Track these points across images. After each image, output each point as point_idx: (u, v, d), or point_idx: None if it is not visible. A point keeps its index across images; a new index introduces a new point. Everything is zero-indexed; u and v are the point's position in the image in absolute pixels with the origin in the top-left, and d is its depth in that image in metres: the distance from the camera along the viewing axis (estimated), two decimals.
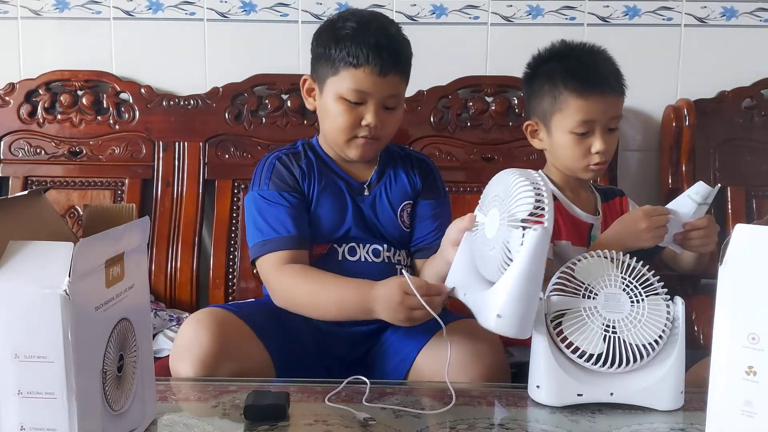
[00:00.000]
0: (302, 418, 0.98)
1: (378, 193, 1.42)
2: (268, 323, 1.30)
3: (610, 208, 1.46)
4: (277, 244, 1.32)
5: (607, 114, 1.34)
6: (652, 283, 1.05)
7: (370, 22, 1.35)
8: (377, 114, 1.33)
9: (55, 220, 0.89)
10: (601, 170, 1.38)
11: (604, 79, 1.34)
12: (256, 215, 1.36)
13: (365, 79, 1.31)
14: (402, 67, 1.35)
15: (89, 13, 1.95)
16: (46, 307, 0.72)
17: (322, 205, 1.38)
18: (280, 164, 1.39)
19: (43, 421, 0.74)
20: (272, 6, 1.95)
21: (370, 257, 1.39)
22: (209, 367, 1.17)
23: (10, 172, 1.91)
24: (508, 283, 0.97)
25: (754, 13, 1.95)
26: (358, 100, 1.33)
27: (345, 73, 1.32)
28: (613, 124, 1.36)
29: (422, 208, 1.44)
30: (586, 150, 1.35)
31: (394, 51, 1.33)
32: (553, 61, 1.39)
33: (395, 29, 1.38)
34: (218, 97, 1.91)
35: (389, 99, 1.35)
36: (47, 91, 1.92)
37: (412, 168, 1.46)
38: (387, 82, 1.32)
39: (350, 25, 1.33)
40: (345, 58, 1.31)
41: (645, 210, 1.27)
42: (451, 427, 0.96)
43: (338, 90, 1.33)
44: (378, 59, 1.30)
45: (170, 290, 1.85)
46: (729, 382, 0.84)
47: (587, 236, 1.40)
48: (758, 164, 1.89)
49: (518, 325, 0.97)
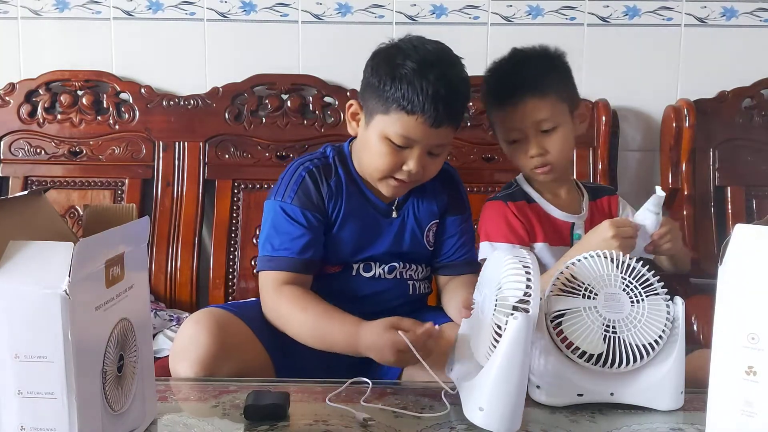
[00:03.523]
0: (302, 418, 0.98)
1: (405, 215, 1.39)
2: (267, 324, 1.30)
3: (597, 207, 1.46)
4: (284, 263, 1.30)
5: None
6: (652, 283, 1.05)
7: (432, 66, 1.25)
8: (420, 161, 1.27)
9: (55, 220, 0.89)
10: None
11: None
12: (272, 228, 1.33)
13: (416, 127, 1.24)
14: (456, 118, 1.29)
15: (89, 13, 1.95)
16: (46, 307, 0.72)
17: (346, 228, 1.35)
18: (310, 179, 1.33)
19: (43, 421, 0.74)
20: (272, 6, 1.95)
21: (385, 274, 1.38)
22: (208, 368, 1.17)
23: (10, 172, 1.91)
24: (491, 374, 0.92)
25: (754, 13, 1.95)
26: (404, 145, 1.27)
27: (396, 116, 1.25)
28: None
29: (450, 225, 1.43)
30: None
31: (451, 101, 1.25)
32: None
33: (457, 74, 1.29)
34: (218, 97, 1.91)
35: (436, 147, 1.30)
36: (47, 91, 1.92)
37: (439, 182, 1.41)
38: (438, 133, 1.26)
39: (410, 65, 1.24)
40: (399, 101, 1.24)
41: (612, 220, 1.28)
42: (451, 428, 0.96)
43: (385, 130, 1.26)
44: (433, 111, 1.22)
45: (170, 290, 1.85)
46: (729, 382, 0.84)
47: (569, 236, 1.40)
48: (758, 164, 1.89)
49: (500, 419, 0.91)
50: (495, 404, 0.92)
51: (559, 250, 1.36)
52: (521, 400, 0.93)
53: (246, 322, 1.28)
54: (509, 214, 1.37)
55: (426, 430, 0.95)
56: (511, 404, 0.91)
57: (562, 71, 1.40)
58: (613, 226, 1.23)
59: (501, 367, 0.91)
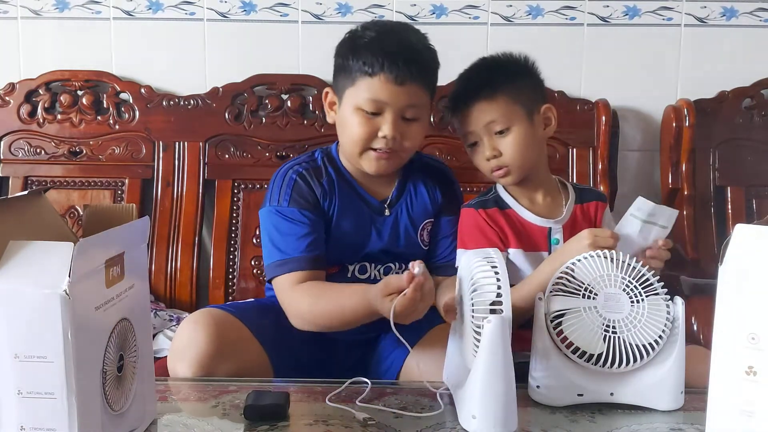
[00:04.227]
0: (302, 418, 0.99)
1: (398, 212, 1.39)
2: (266, 324, 1.30)
3: (583, 211, 1.42)
4: (296, 265, 1.28)
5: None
6: (652, 283, 1.05)
7: (389, 31, 1.31)
8: (395, 125, 1.28)
9: (55, 220, 0.89)
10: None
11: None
12: (274, 232, 1.32)
13: (382, 88, 1.26)
14: (422, 76, 1.29)
15: (89, 13, 1.95)
16: (46, 307, 0.72)
17: (341, 227, 1.35)
18: (301, 180, 1.34)
19: (43, 421, 0.74)
20: (272, 6, 1.95)
21: (380, 276, 1.38)
22: (207, 368, 1.17)
23: (10, 172, 1.91)
24: (477, 381, 0.92)
25: (754, 13, 1.95)
26: (375, 111, 1.28)
27: (361, 82, 1.27)
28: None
29: (444, 225, 1.43)
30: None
31: (413, 59, 1.27)
32: None
33: (417, 37, 1.32)
34: (218, 97, 1.91)
35: (408, 110, 1.29)
36: (47, 91, 1.92)
37: (433, 182, 1.42)
38: (405, 91, 1.27)
39: (369, 34, 1.30)
40: (361, 67, 1.27)
41: (592, 229, 1.26)
42: (451, 428, 0.96)
43: (355, 101, 1.28)
44: (394, 67, 1.25)
45: (170, 290, 1.85)
46: (729, 382, 0.84)
47: (545, 241, 1.38)
48: (758, 164, 1.89)
49: (494, 422, 0.92)
50: (486, 410, 0.92)
51: (534, 256, 1.34)
52: (512, 400, 0.93)
53: (244, 322, 1.28)
54: (480, 221, 1.36)
55: (425, 430, 0.95)
56: (502, 407, 0.92)
57: (516, 74, 1.37)
58: (592, 235, 1.22)
59: (485, 372, 0.92)
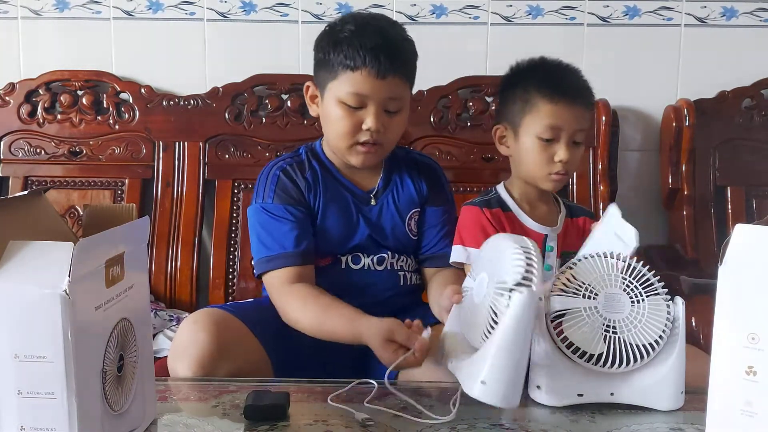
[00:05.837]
0: (302, 418, 0.98)
1: (385, 202, 1.41)
2: (266, 324, 1.30)
3: (574, 224, 1.45)
4: (284, 261, 1.31)
5: (573, 124, 1.36)
6: (653, 283, 1.05)
7: (368, 24, 1.33)
8: (378, 118, 1.31)
9: (55, 220, 0.89)
10: (561, 181, 1.39)
11: (574, 90, 1.39)
12: (261, 229, 1.35)
13: (363, 81, 1.29)
14: (403, 69, 1.32)
15: (89, 13, 1.95)
16: (46, 307, 0.72)
17: (328, 218, 1.37)
18: (285, 176, 1.37)
19: (43, 421, 0.74)
20: (272, 6, 1.95)
21: (374, 265, 1.39)
22: (207, 368, 1.17)
23: (10, 172, 1.91)
24: (493, 348, 0.94)
25: (754, 13, 1.95)
26: (357, 104, 1.31)
27: (343, 76, 1.30)
28: (579, 137, 1.38)
29: (430, 215, 1.44)
30: (550, 157, 1.36)
31: (393, 52, 1.30)
32: (529, 71, 1.43)
33: (396, 31, 1.36)
34: (218, 97, 1.91)
35: (390, 102, 1.32)
36: (47, 91, 1.92)
37: (418, 174, 1.45)
38: (387, 84, 1.30)
39: (348, 27, 1.31)
40: (343, 61, 1.29)
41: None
42: (451, 428, 0.96)
43: (338, 94, 1.31)
44: (375, 61, 1.27)
45: (170, 290, 1.85)
46: (729, 382, 0.84)
47: (541, 247, 1.39)
48: (758, 164, 1.89)
49: (503, 392, 0.93)
50: (496, 376, 0.93)
51: None
52: (520, 378, 0.95)
53: (244, 322, 1.28)
54: (484, 220, 1.37)
55: (426, 430, 0.95)
56: (511, 378, 0.94)
57: (593, 97, 1.44)
58: None
59: (505, 340, 0.93)
